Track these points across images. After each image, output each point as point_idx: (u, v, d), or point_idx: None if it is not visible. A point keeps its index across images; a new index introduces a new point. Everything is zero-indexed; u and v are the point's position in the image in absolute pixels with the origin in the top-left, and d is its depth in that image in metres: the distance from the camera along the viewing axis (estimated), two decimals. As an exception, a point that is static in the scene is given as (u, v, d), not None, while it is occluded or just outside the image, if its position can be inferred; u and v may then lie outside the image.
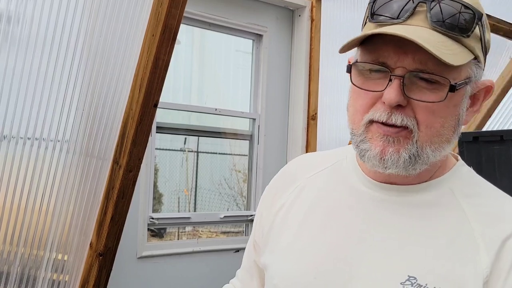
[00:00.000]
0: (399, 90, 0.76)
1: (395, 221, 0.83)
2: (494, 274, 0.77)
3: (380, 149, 0.78)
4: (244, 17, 3.12)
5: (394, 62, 0.77)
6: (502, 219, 0.80)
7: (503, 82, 3.81)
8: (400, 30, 0.74)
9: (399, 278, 0.79)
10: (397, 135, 0.78)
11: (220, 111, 3.16)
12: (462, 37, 0.76)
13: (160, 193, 3.23)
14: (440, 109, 0.77)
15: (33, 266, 2.26)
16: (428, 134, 0.78)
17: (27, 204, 2.17)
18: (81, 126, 2.20)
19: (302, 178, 0.96)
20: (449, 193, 0.84)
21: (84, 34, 2.08)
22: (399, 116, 0.77)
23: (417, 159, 0.79)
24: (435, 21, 0.75)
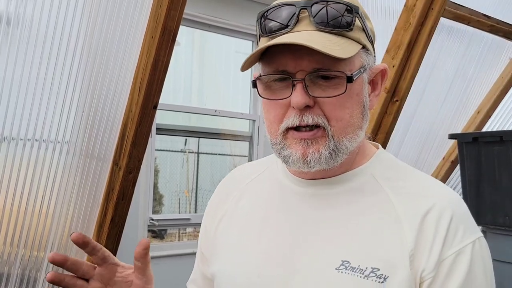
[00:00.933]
0: (303, 92, 0.82)
1: (325, 212, 0.89)
2: (419, 246, 0.82)
3: (301, 152, 0.84)
4: (243, 19, 3.12)
5: (293, 67, 0.82)
6: (420, 197, 0.87)
7: (502, 83, 3.81)
8: (290, 37, 0.81)
9: (334, 264, 0.84)
10: (313, 136, 0.84)
11: (220, 112, 3.16)
12: (346, 31, 0.82)
13: (160, 194, 3.23)
14: (344, 101, 0.84)
15: (33, 268, 2.27)
16: (341, 127, 0.84)
17: (27, 206, 2.17)
18: (81, 127, 2.20)
19: (238, 187, 1.02)
20: (372, 179, 0.90)
21: (84, 35, 2.09)
22: (309, 116, 0.83)
23: (337, 152, 0.85)
24: (318, 22, 0.82)
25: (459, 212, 0.86)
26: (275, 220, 0.92)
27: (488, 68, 3.79)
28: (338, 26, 0.81)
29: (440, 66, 3.53)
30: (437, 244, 0.82)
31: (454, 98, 3.72)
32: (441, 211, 0.84)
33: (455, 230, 0.83)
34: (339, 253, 0.85)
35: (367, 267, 0.82)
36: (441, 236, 0.82)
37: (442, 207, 0.84)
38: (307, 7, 0.82)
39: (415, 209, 0.85)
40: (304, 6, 0.82)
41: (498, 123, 4.08)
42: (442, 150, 3.86)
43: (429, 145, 3.77)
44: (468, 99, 3.80)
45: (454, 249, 0.82)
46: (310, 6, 0.82)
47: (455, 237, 0.83)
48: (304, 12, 0.82)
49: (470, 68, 3.71)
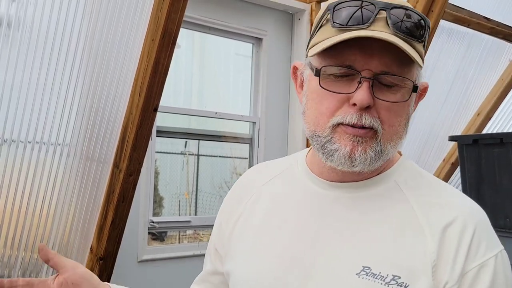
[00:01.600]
0: (369, 91, 0.81)
1: (347, 216, 0.88)
2: (442, 257, 0.82)
3: (350, 148, 0.82)
4: (243, 21, 3.12)
5: (361, 65, 0.81)
6: (443, 207, 0.86)
7: (502, 85, 3.81)
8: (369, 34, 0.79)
9: (354, 269, 0.83)
10: (365, 135, 0.82)
11: (220, 114, 3.16)
12: (417, 42, 0.82)
13: (160, 196, 3.23)
14: (400, 109, 0.84)
15: (33, 270, 2.27)
16: (390, 133, 0.84)
17: (27, 208, 2.17)
18: (81, 130, 2.20)
19: (256, 186, 1.01)
20: (395, 186, 0.90)
21: (84, 38, 2.09)
22: (368, 117, 0.82)
23: (380, 156, 0.84)
24: (395, 26, 0.80)
25: (482, 225, 0.85)
26: (295, 221, 0.91)
27: (488, 70, 3.80)
28: (413, 35, 0.81)
29: (440, 68, 3.53)
30: (461, 257, 0.82)
31: (454, 100, 3.73)
32: (464, 224, 0.84)
33: (478, 243, 0.83)
34: (360, 258, 0.84)
35: (388, 274, 0.82)
36: (464, 248, 0.82)
37: (465, 219, 0.84)
38: (386, 9, 0.81)
39: (438, 219, 0.84)
40: (383, 7, 0.81)
41: (498, 125, 4.09)
42: (442, 152, 3.86)
43: (429, 147, 3.78)
44: (468, 101, 3.80)
45: (477, 262, 0.82)
46: (390, 8, 0.81)
47: (478, 250, 0.82)
48: (382, 13, 0.81)
49: (470, 70, 3.71)
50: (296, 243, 0.89)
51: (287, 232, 0.91)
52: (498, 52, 3.78)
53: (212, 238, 1.07)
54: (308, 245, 0.88)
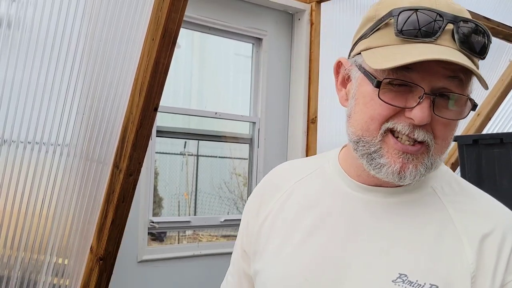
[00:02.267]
0: (429, 109, 0.78)
1: (382, 222, 0.85)
2: (481, 269, 0.80)
3: (400, 165, 0.80)
4: (243, 21, 3.12)
5: (423, 79, 0.78)
6: (481, 216, 0.84)
7: (502, 85, 3.81)
8: (433, 50, 0.76)
9: (390, 276, 0.81)
10: (417, 152, 0.80)
11: (220, 114, 3.16)
12: (479, 59, 0.80)
13: (160, 197, 3.23)
14: (455, 124, 0.83)
15: (33, 271, 2.26)
16: (442, 146, 0.82)
17: (27, 208, 2.16)
18: (81, 130, 2.20)
19: (287, 185, 0.97)
20: (432, 192, 0.87)
21: (84, 38, 2.09)
22: (422, 132, 0.79)
23: (430, 169, 0.82)
24: (462, 42, 0.78)
25: None
26: (327, 223, 0.89)
27: (488, 70, 3.80)
28: (476, 51, 0.79)
29: (440, 69, 3.53)
30: (500, 269, 0.80)
31: (454, 100, 3.72)
32: (503, 234, 0.82)
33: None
34: (396, 265, 0.81)
35: (426, 283, 0.79)
36: (504, 260, 0.80)
37: (505, 230, 0.82)
38: (454, 22, 0.78)
39: (476, 228, 0.82)
40: (451, 20, 0.77)
41: (498, 125, 4.09)
42: (442, 152, 3.85)
43: (429, 148, 3.77)
44: (468, 101, 3.80)
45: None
46: (458, 21, 0.78)
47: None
48: (450, 26, 0.78)
49: (470, 70, 3.71)
50: (328, 244, 0.87)
51: (319, 232, 0.89)
52: (498, 52, 3.78)
53: (238, 242, 1.04)
54: (339, 247, 0.86)
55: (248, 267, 1.00)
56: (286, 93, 3.34)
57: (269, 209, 0.96)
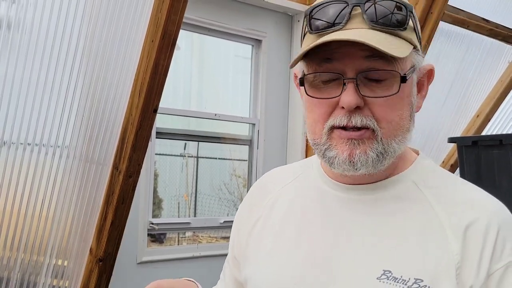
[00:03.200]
0: (354, 91, 0.78)
1: (365, 220, 0.86)
2: (466, 259, 0.79)
3: (348, 153, 0.80)
4: (243, 23, 3.13)
5: (344, 66, 0.79)
6: (464, 206, 0.84)
7: (502, 86, 3.81)
8: (342, 35, 0.77)
9: (375, 274, 0.81)
10: (361, 137, 0.80)
11: (220, 116, 3.16)
12: (400, 30, 0.79)
13: (160, 198, 3.23)
14: (395, 102, 0.80)
15: (33, 272, 2.26)
16: (390, 129, 0.81)
17: (27, 210, 2.17)
18: (81, 131, 2.20)
19: (274, 191, 0.98)
20: (413, 186, 0.87)
21: (84, 39, 2.09)
22: (358, 117, 0.79)
23: (385, 155, 0.81)
24: (372, 20, 0.78)
25: (506, 223, 0.82)
26: (312, 225, 0.89)
27: (487, 71, 3.80)
28: (393, 25, 0.79)
29: (440, 70, 3.54)
30: (486, 258, 0.79)
31: (453, 101, 3.73)
32: (487, 223, 0.81)
33: (503, 242, 0.80)
34: (381, 262, 0.81)
35: (410, 278, 0.79)
36: (489, 249, 0.79)
37: (489, 219, 0.81)
38: (360, 4, 0.79)
39: (460, 219, 0.82)
40: (357, 3, 0.79)
41: (498, 126, 4.09)
42: (442, 153, 3.86)
43: (429, 149, 3.78)
44: (468, 102, 3.81)
45: (503, 262, 0.79)
46: (364, 3, 0.79)
47: (504, 250, 0.80)
48: (357, 9, 0.79)
49: (469, 71, 3.72)
50: (316, 247, 0.87)
51: (306, 236, 0.89)
52: (497, 53, 3.79)
53: (230, 246, 1.05)
54: (327, 249, 0.86)
55: (238, 274, 1.01)
56: (286, 94, 3.35)
57: (258, 215, 0.97)
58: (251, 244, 0.96)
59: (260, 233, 0.95)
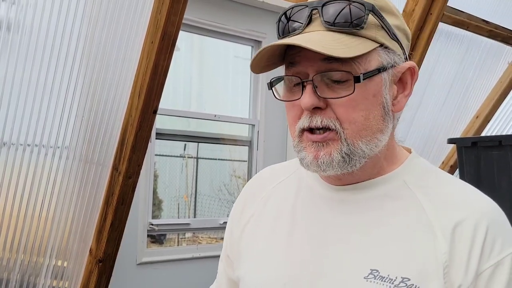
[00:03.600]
0: (311, 93, 0.80)
1: (354, 219, 0.86)
2: (454, 259, 0.79)
3: (313, 155, 0.82)
4: (242, 24, 3.13)
5: (304, 69, 0.81)
6: (454, 205, 0.83)
7: (501, 87, 3.81)
8: (297, 39, 0.79)
9: (362, 273, 0.81)
10: (324, 139, 0.81)
11: (220, 117, 3.16)
12: (356, 29, 0.79)
13: (160, 199, 3.23)
14: (358, 103, 0.80)
15: (32, 273, 2.26)
16: (354, 129, 0.81)
17: (26, 211, 2.17)
18: (81, 132, 2.20)
19: (266, 189, 0.99)
20: (404, 185, 0.87)
21: (84, 41, 2.09)
22: (318, 118, 0.81)
23: (351, 156, 0.82)
24: (327, 22, 0.80)
25: (496, 222, 0.82)
26: (302, 224, 0.90)
27: (487, 72, 3.80)
28: (348, 25, 0.79)
29: (439, 71, 3.54)
30: (474, 257, 0.79)
31: (453, 102, 3.73)
32: (477, 222, 0.80)
33: (493, 242, 0.80)
34: (368, 261, 0.82)
35: (397, 277, 0.79)
36: (477, 248, 0.79)
37: (478, 217, 0.81)
38: (318, 7, 0.80)
39: (449, 217, 0.81)
40: (315, 6, 0.81)
41: (497, 127, 4.09)
42: (441, 154, 3.86)
43: (429, 150, 3.78)
44: (467, 103, 3.81)
45: (492, 261, 0.79)
46: (321, 6, 0.80)
47: (493, 249, 0.79)
48: (316, 13, 0.81)
49: (469, 72, 3.72)
50: (306, 247, 0.88)
51: (297, 236, 0.90)
52: (497, 54, 3.79)
53: (224, 246, 1.05)
54: (316, 249, 0.87)
55: (232, 273, 1.02)
56: (285, 95, 3.35)
57: (250, 214, 0.98)
58: (243, 242, 0.97)
59: (253, 232, 0.96)
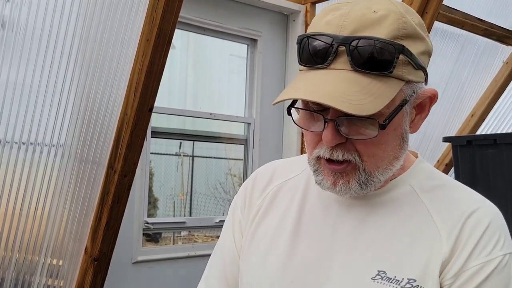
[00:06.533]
0: (334, 131, 0.80)
1: (362, 222, 0.88)
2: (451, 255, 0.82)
3: (332, 182, 0.84)
4: (238, 22, 3.13)
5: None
6: (459, 208, 0.86)
7: (496, 86, 3.83)
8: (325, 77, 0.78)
9: (369, 274, 0.83)
10: (344, 170, 0.83)
11: (215, 115, 3.16)
12: (385, 74, 0.77)
13: (155, 197, 3.22)
14: (379, 139, 0.81)
15: (27, 272, 2.26)
16: (373, 162, 0.83)
17: (21, 209, 2.16)
18: (76, 131, 2.19)
19: (276, 182, 0.99)
20: (410, 190, 0.89)
21: (79, 39, 2.08)
22: (340, 152, 0.82)
23: (368, 184, 0.84)
24: (355, 62, 0.77)
25: (495, 224, 0.84)
26: (311, 225, 0.91)
27: (482, 71, 3.82)
28: (377, 68, 0.76)
29: (434, 70, 3.54)
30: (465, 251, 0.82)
31: (448, 101, 3.74)
32: (478, 219, 0.83)
33: (487, 241, 0.82)
34: (375, 263, 0.84)
35: (404, 278, 0.82)
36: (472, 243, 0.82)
37: (480, 216, 0.84)
38: (345, 44, 0.76)
39: (454, 220, 0.84)
40: (342, 42, 0.77)
41: (492, 126, 4.10)
42: (437, 153, 3.87)
43: (424, 148, 3.79)
44: (462, 102, 3.82)
45: (480, 260, 0.81)
46: (349, 42, 0.76)
47: (485, 248, 0.82)
48: (342, 47, 0.77)
49: (464, 71, 3.73)
50: (313, 247, 0.89)
51: (303, 236, 0.91)
52: (492, 53, 3.80)
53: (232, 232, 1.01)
54: (324, 249, 0.88)
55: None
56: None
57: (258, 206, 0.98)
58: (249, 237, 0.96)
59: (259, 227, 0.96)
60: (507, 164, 2.64)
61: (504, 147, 2.63)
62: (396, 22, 0.79)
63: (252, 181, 1.02)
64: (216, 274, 1.03)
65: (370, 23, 0.78)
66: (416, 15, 0.84)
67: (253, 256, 0.95)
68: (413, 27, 0.81)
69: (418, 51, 0.81)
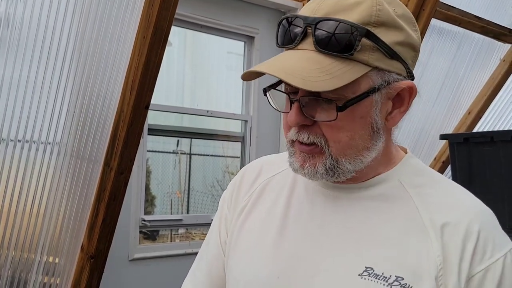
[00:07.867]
0: (298, 111, 0.81)
1: (349, 217, 0.87)
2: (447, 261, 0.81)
3: (300, 163, 0.85)
4: (235, 19, 3.12)
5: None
6: (447, 207, 0.85)
7: (493, 84, 3.83)
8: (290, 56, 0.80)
9: (357, 270, 0.83)
10: (311, 152, 0.84)
11: (212, 113, 3.16)
12: (346, 56, 0.78)
13: (152, 195, 3.22)
14: (343, 124, 0.81)
15: (24, 269, 2.25)
16: (339, 148, 0.82)
17: (17, 207, 2.16)
18: (72, 128, 2.19)
19: (264, 177, 1.00)
20: (399, 185, 0.88)
21: (75, 36, 2.08)
22: (305, 134, 0.83)
23: (335, 170, 0.84)
24: (318, 44, 0.79)
25: (487, 225, 0.84)
26: (298, 220, 0.91)
27: (479, 69, 3.82)
28: (338, 50, 0.78)
29: (432, 67, 3.55)
30: (466, 260, 0.81)
31: (445, 98, 3.74)
32: (468, 224, 0.82)
33: (484, 245, 0.82)
34: (363, 259, 0.83)
35: (391, 275, 0.81)
36: (469, 251, 0.81)
37: (470, 219, 0.83)
38: (312, 25, 0.79)
39: (442, 219, 0.83)
40: (310, 23, 0.80)
41: (489, 123, 4.11)
42: (434, 150, 3.87)
43: (421, 146, 3.79)
44: (459, 99, 3.82)
45: (483, 265, 0.81)
46: (315, 24, 0.79)
47: (485, 252, 0.81)
48: (310, 29, 0.80)
49: (461, 69, 3.73)
50: (300, 242, 0.89)
51: (290, 231, 0.90)
52: (489, 51, 3.80)
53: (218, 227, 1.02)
54: (311, 244, 0.87)
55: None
56: (278, 91, 3.34)
57: (245, 201, 0.98)
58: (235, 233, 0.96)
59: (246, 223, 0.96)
60: (503, 162, 2.65)
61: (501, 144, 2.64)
62: (370, 9, 0.79)
63: (240, 177, 1.03)
64: (202, 267, 1.05)
65: (343, 8, 0.80)
66: (401, 6, 0.84)
67: (240, 250, 0.94)
68: (391, 16, 0.81)
69: (392, 41, 0.81)
